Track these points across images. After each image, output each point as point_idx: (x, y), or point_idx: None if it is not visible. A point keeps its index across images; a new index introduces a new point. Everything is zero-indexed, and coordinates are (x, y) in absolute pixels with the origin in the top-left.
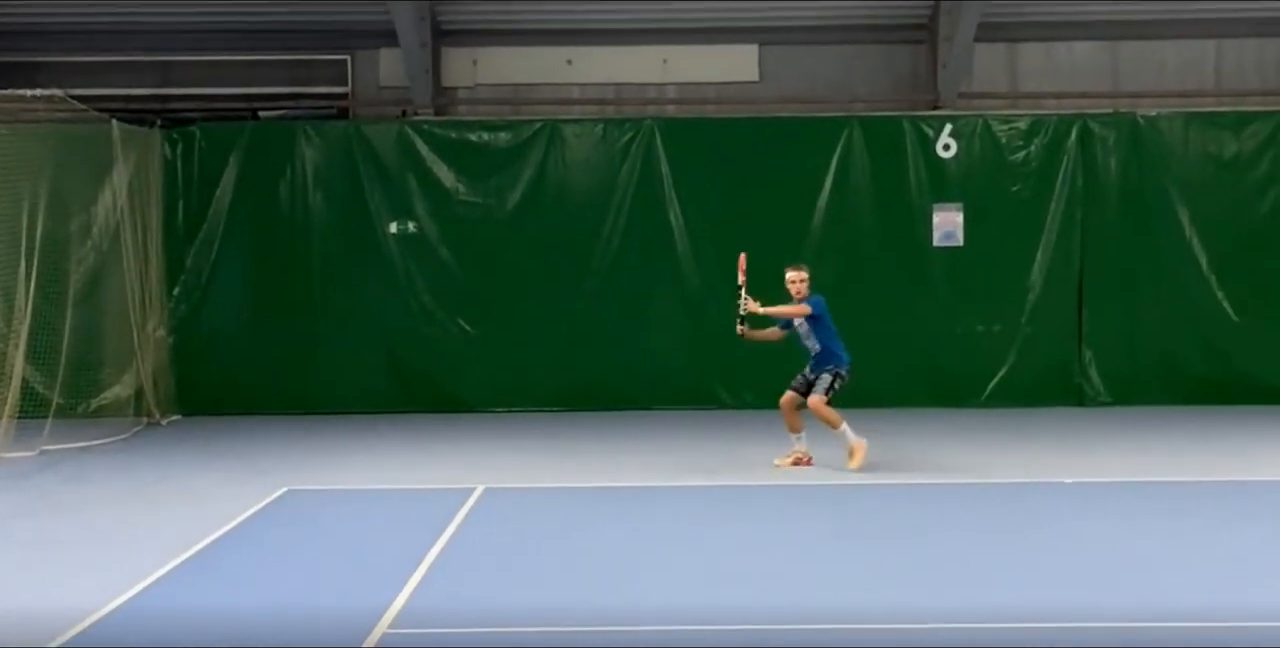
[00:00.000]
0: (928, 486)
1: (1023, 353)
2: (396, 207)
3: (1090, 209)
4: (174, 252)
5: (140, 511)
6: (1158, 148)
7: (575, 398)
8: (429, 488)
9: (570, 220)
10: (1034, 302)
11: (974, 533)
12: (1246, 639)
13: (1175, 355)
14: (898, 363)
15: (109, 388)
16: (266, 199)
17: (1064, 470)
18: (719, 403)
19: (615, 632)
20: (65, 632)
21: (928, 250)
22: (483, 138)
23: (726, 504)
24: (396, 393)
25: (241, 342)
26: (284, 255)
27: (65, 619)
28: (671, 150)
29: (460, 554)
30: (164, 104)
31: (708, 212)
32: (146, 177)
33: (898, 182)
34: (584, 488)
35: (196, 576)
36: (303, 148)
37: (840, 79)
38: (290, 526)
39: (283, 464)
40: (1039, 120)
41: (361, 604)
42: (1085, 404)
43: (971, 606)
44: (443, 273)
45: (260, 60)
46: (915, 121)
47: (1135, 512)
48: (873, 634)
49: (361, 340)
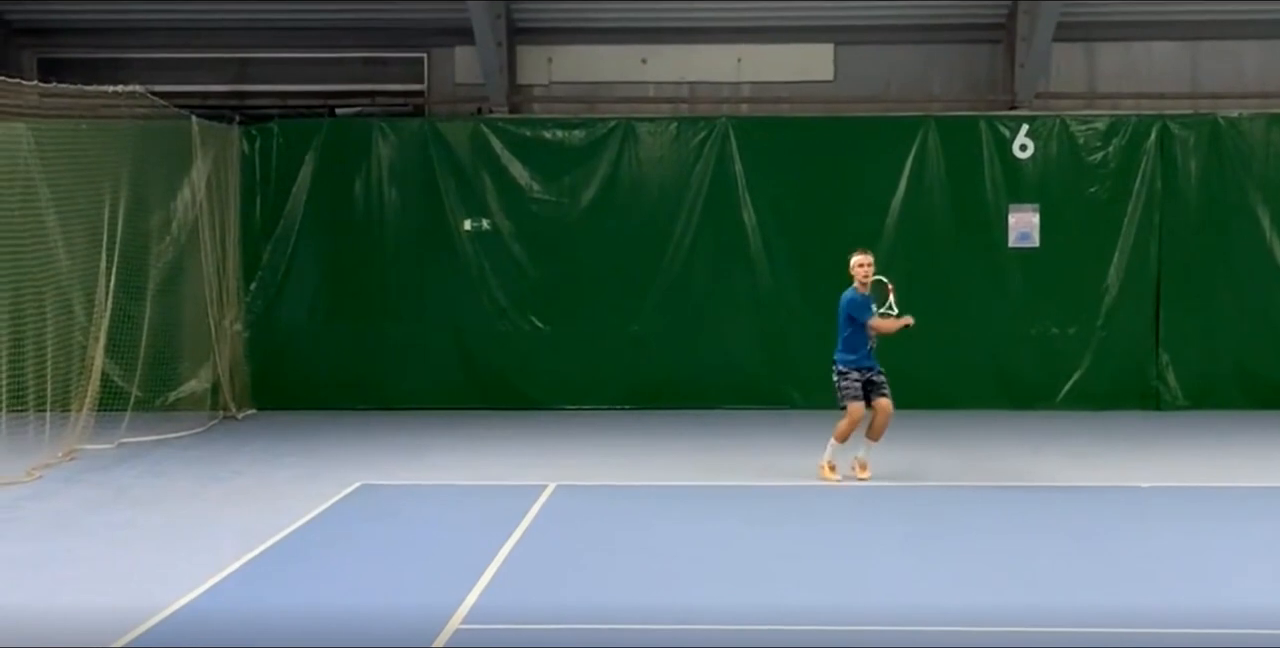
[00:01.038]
0: (1002, 488)
1: (1098, 356)
2: (471, 204)
3: (1169, 211)
4: (251, 247)
5: (216, 505)
6: (1238, 149)
7: (646, 396)
8: (501, 484)
9: (643, 219)
10: (1110, 304)
11: (1049, 537)
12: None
13: (1253, 359)
14: (971, 364)
15: (186, 382)
16: (342, 196)
17: (1141, 475)
18: (791, 403)
19: (679, 630)
20: (139, 626)
21: (1003, 251)
22: (557, 135)
23: (796, 504)
24: (469, 389)
25: (316, 337)
26: (359, 252)
27: (140, 613)
28: (745, 149)
29: (532, 551)
30: (242, 101)
31: (781, 211)
32: (225, 172)
33: (973, 182)
34: (655, 486)
35: (271, 570)
36: (378, 145)
37: (916, 78)
38: (364, 520)
39: (356, 459)
40: (1117, 121)
41: (435, 600)
42: (1162, 408)
43: (1041, 609)
44: (516, 270)
45: (337, 58)
46: (992, 121)
47: (1212, 517)
48: (940, 637)
49: (435, 337)
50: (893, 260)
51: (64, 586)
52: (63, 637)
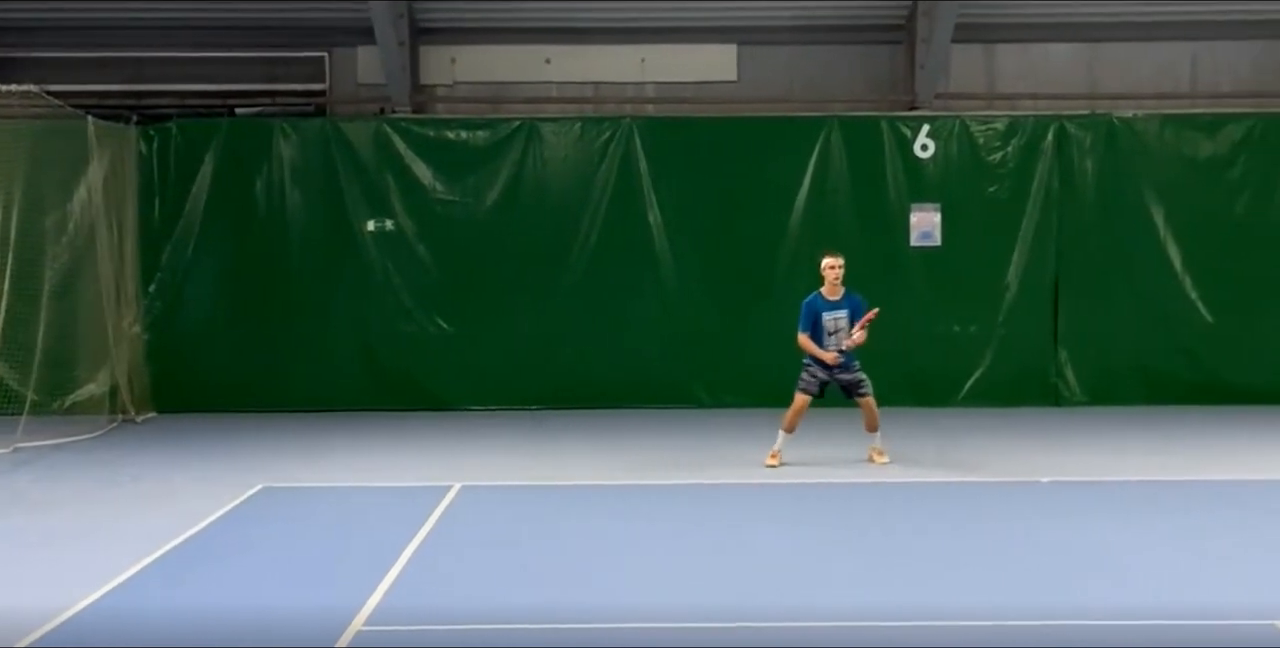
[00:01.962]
0: (904, 484)
1: (999, 353)
2: (374, 204)
3: (1066, 210)
4: (150, 248)
5: (114, 508)
6: (1133, 149)
7: (553, 396)
8: (406, 485)
9: (548, 219)
10: (1010, 302)
11: (948, 530)
12: (1213, 637)
13: (1149, 356)
14: (875, 362)
15: (84, 385)
16: (243, 196)
17: (1040, 470)
18: (697, 402)
19: (586, 630)
20: (35, 631)
21: (905, 251)
22: (461, 136)
23: (701, 502)
24: (373, 391)
25: (217, 339)
26: (260, 253)
27: (35, 618)
28: (650, 149)
29: (436, 552)
30: (140, 100)
31: (686, 211)
32: (122, 173)
33: (875, 182)
34: (560, 486)
35: (170, 574)
36: (280, 145)
37: (818, 79)
38: (266, 523)
39: (259, 462)
40: (1016, 121)
41: (337, 602)
42: (1061, 404)
43: (942, 602)
44: (420, 271)
45: (237, 57)
46: (893, 122)
47: (1109, 510)
48: (841, 632)
49: (338, 338)
50: (797, 260)
51: None
52: None
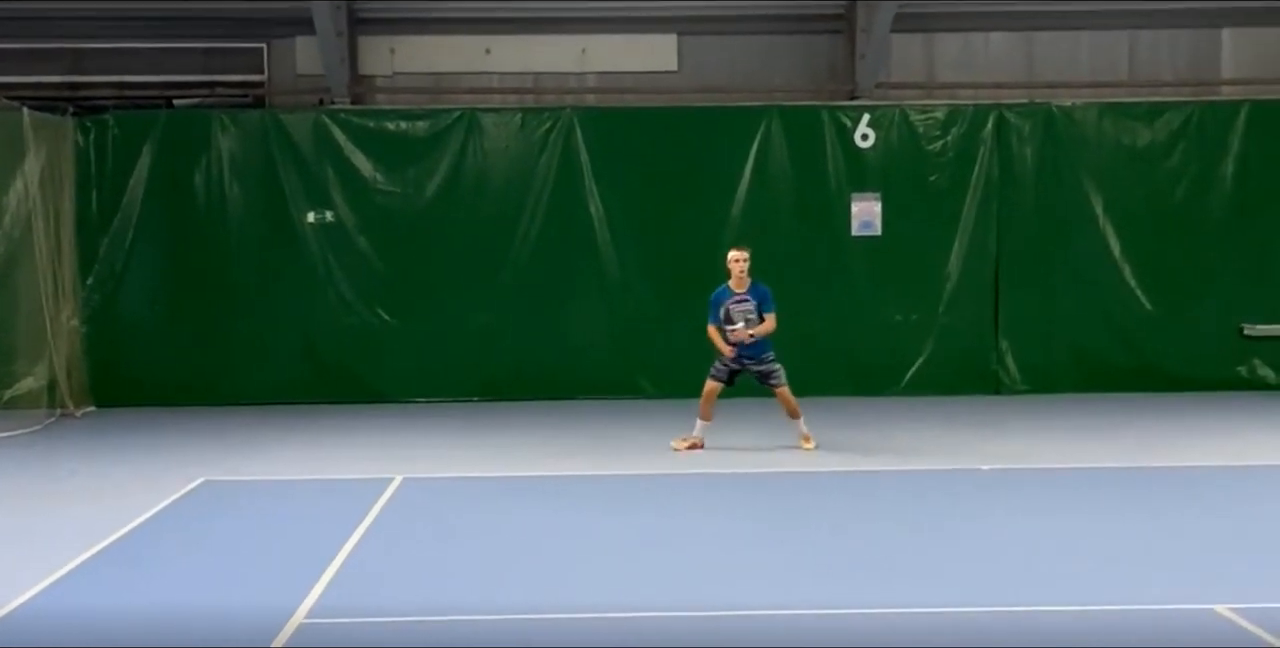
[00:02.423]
0: (845, 473)
1: (940, 342)
2: (314, 196)
3: (1006, 199)
4: (87, 241)
5: (53, 503)
6: (1072, 138)
7: (495, 388)
8: (347, 478)
9: (489, 210)
10: (951, 291)
11: (889, 520)
12: (1153, 624)
13: (1089, 344)
14: (817, 352)
15: (21, 379)
16: (181, 188)
17: (981, 458)
18: (641, 392)
19: (527, 621)
20: None
21: (846, 240)
22: (401, 127)
23: (644, 493)
24: (315, 383)
25: (157, 332)
26: (200, 245)
27: None
28: (591, 140)
29: (378, 545)
30: (76, 92)
31: (627, 201)
32: (59, 165)
33: (816, 171)
34: (503, 477)
35: (110, 569)
36: (218, 137)
37: (759, 69)
38: (207, 517)
39: (199, 456)
40: (956, 110)
41: (278, 596)
42: (1002, 392)
43: (880, 593)
44: (361, 263)
45: (175, 48)
46: (833, 111)
47: (1049, 498)
48: (783, 621)
49: (279, 331)
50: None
51: None
52: None
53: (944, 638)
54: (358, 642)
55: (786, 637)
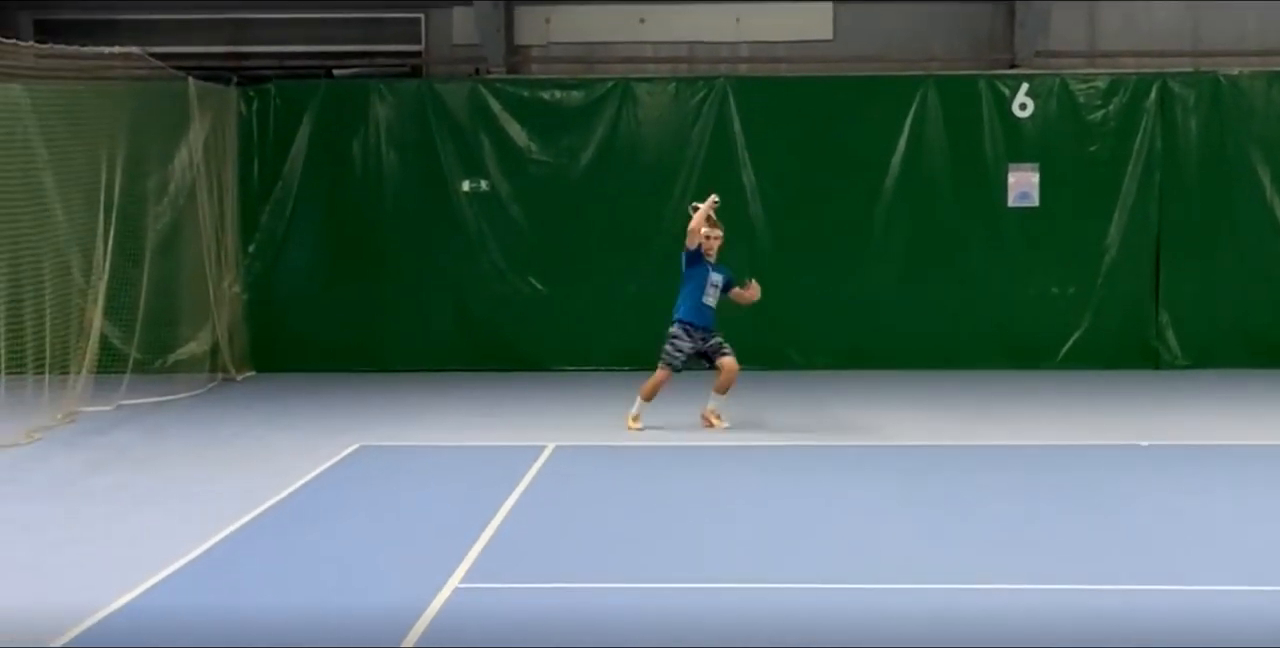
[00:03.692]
0: (1004, 447)
1: (1098, 315)
2: (469, 165)
3: (1169, 170)
4: (249, 209)
5: (216, 466)
6: (1239, 108)
7: (646, 357)
8: (501, 445)
9: (642, 180)
10: (1110, 263)
11: (1044, 495)
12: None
13: (1253, 318)
14: (972, 324)
15: (185, 344)
16: (340, 157)
17: (1140, 433)
18: (790, 364)
19: (681, 589)
20: (141, 584)
21: (1002, 211)
22: (555, 96)
23: (799, 463)
24: (468, 351)
25: (314, 299)
26: (357, 214)
27: (143, 571)
28: (744, 110)
29: (532, 511)
30: (239, 62)
31: (780, 172)
32: (222, 134)
33: (973, 141)
34: (654, 446)
35: (269, 532)
36: (376, 106)
37: (915, 37)
38: (363, 482)
39: (355, 421)
40: (1118, 80)
41: (434, 560)
42: (1161, 367)
43: (1038, 567)
44: (514, 231)
45: (334, 18)
46: (991, 81)
47: (1211, 475)
48: (953, 594)
49: (433, 298)
50: (892, 220)
51: (66, 546)
52: (62, 595)
53: (1100, 617)
54: (513, 607)
55: (947, 611)
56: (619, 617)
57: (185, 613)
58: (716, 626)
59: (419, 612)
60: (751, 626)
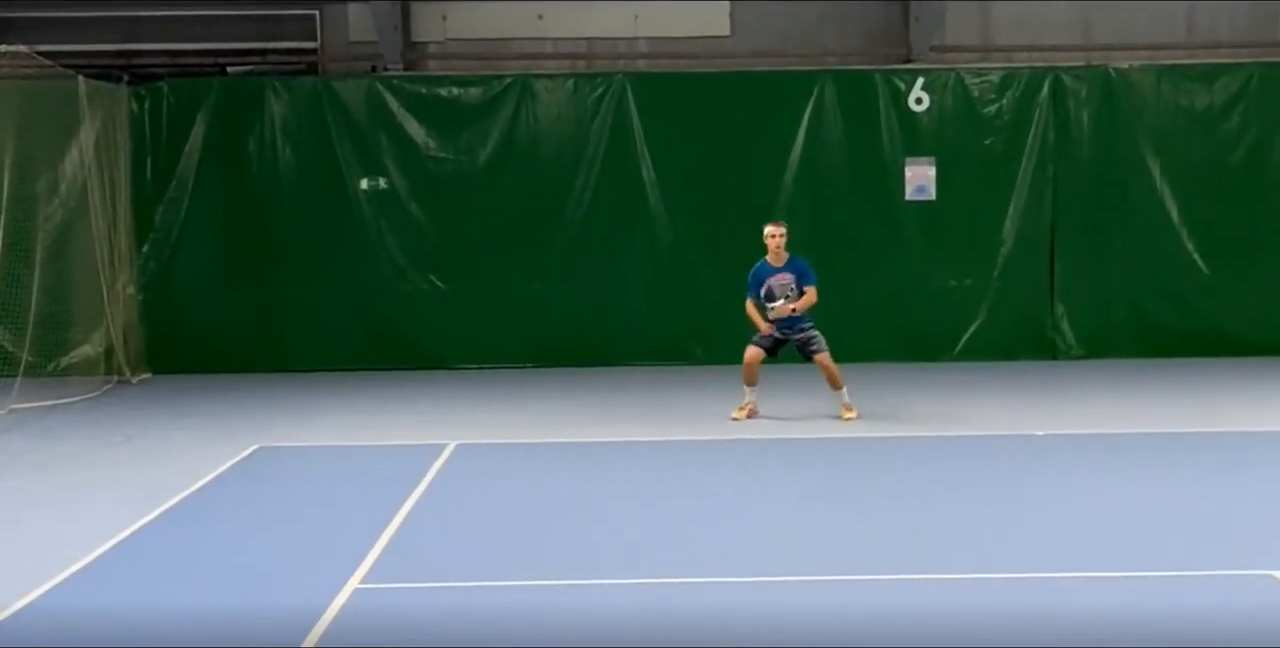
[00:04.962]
0: (900, 438)
1: (995, 307)
2: (367, 163)
3: (1062, 163)
4: (143, 209)
5: (110, 469)
6: (1130, 101)
7: (548, 354)
8: (401, 444)
9: (542, 176)
10: (1006, 256)
11: (943, 487)
12: (1210, 590)
13: (1147, 308)
14: (870, 318)
15: (78, 346)
16: (235, 155)
17: (1037, 423)
18: (693, 359)
19: (581, 586)
20: (34, 590)
21: (900, 205)
22: (453, 93)
23: (696, 459)
24: (368, 350)
25: (212, 299)
26: (254, 212)
27: (36, 576)
28: (643, 106)
29: (432, 510)
30: (130, 60)
31: (680, 167)
32: (113, 133)
33: (870, 136)
34: (556, 444)
35: (166, 534)
36: (272, 104)
37: (812, 33)
38: (262, 482)
39: (254, 422)
40: (1011, 74)
41: (334, 561)
42: (1058, 358)
43: (938, 557)
44: (414, 229)
45: (228, 15)
46: (888, 75)
47: (1106, 464)
48: (841, 586)
49: (333, 297)
50: (793, 215)
51: None
52: None
53: (992, 606)
54: (413, 607)
55: (845, 605)
56: (518, 616)
57: (81, 617)
58: (612, 623)
59: (318, 613)
60: (644, 621)
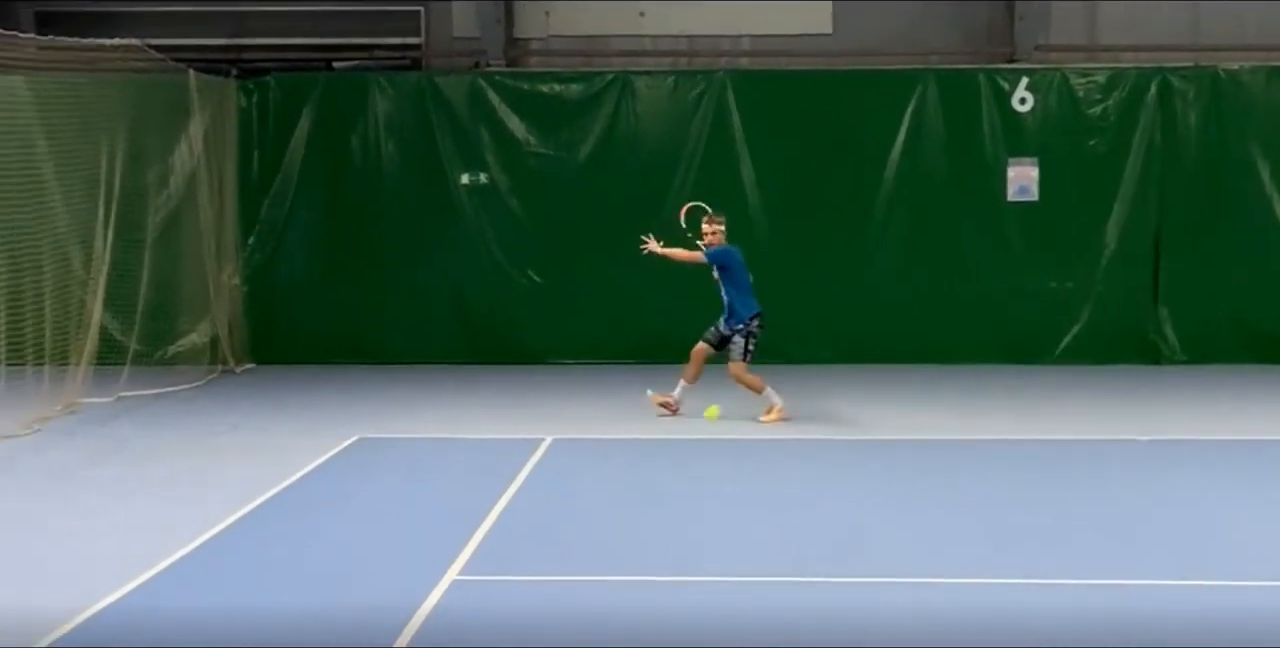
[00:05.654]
0: (998, 441)
1: (1097, 310)
2: (468, 158)
3: (1168, 165)
4: (249, 201)
5: (215, 457)
6: (1238, 103)
7: (643, 351)
8: (499, 438)
9: (641, 173)
10: (1109, 258)
11: (1043, 489)
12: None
13: (1252, 314)
14: (969, 319)
15: (185, 336)
16: (339, 150)
17: (1139, 428)
18: (788, 358)
19: (676, 583)
20: (140, 575)
21: (1002, 205)
22: (554, 89)
23: (795, 457)
24: (466, 344)
25: (314, 291)
26: (356, 206)
27: (143, 563)
28: (743, 103)
29: (529, 504)
30: (239, 54)
31: (778, 165)
32: (222, 126)
33: (972, 136)
34: (651, 440)
35: (268, 523)
36: (375, 99)
37: (915, 31)
38: (362, 474)
39: (354, 413)
40: (1118, 74)
41: (432, 552)
42: (1160, 363)
43: (1033, 562)
44: (513, 224)
45: (334, 11)
46: (991, 75)
47: (1210, 470)
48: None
49: (432, 291)
50: (891, 214)
51: (62, 538)
52: (60, 586)
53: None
54: (510, 601)
55: (938, 606)
56: (615, 611)
57: (180, 610)
58: (708, 621)
59: (416, 605)
60: (744, 621)
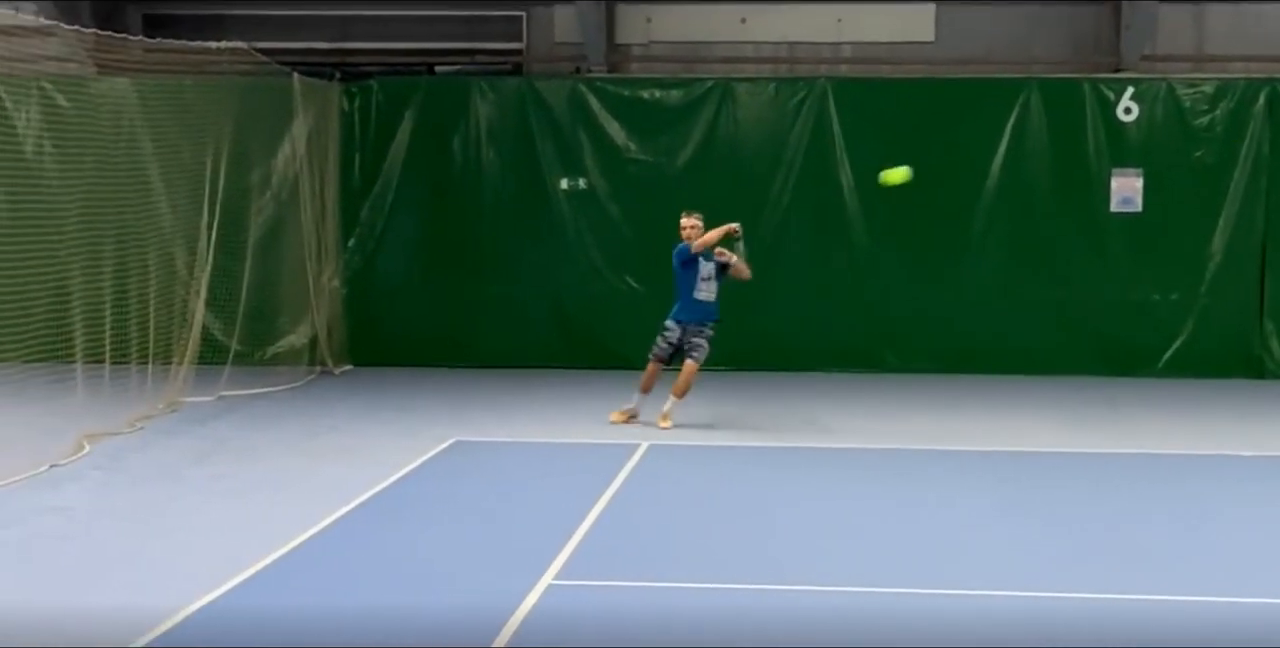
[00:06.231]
0: (1102, 455)
1: (1201, 323)
2: (568, 163)
3: (1277, 177)
4: (350, 204)
5: (313, 458)
6: None
7: (741, 358)
8: (595, 442)
9: (740, 180)
10: (1214, 271)
11: (1145, 505)
12: None
13: None
14: (1071, 330)
15: (285, 336)
16: (440, 153)
17: (1243, 444)
18: (886, 367)
19: (769, 591)
20: (241, 572)
21: (1105, 216)
22: (655, 95)
23: (893, 467)
24: (564, 348)
25: (413, 294)
26: (456, 210)
27: (240, 562)
28: (844, 111)
29: (625, 509)
30: (342, 58)
31: (879, 174)
32: (325, 129)
33: (1076, 146)
34: (748, 447)
35: (365, 525)
36: (477, 103)
37: (1018, 40)
38: (459, 476)
39: (451, 416)
40: (1225, 84)
41: (528, 556)
42: (1265, 377)
43: (1134, 577)
44: (612, 230)
45: (437, 16)
46: (1095, 84)
47: None
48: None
49: (530, 296)
50: (992, 224)
51: (162, 536)
52: (159, 585)
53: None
54: (606, 605)
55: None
56: (712, 617)
57: (271, 611)
58: (805, 628)
59: (512, 608)
60: (834, 628)
